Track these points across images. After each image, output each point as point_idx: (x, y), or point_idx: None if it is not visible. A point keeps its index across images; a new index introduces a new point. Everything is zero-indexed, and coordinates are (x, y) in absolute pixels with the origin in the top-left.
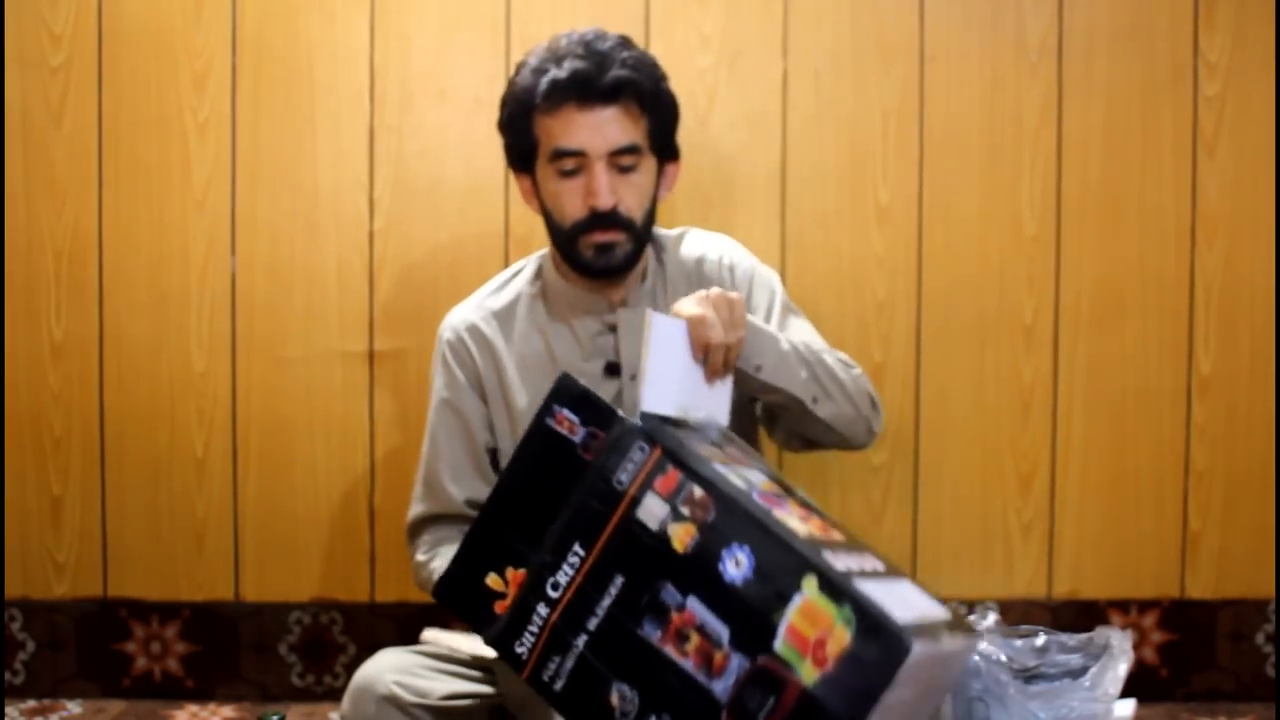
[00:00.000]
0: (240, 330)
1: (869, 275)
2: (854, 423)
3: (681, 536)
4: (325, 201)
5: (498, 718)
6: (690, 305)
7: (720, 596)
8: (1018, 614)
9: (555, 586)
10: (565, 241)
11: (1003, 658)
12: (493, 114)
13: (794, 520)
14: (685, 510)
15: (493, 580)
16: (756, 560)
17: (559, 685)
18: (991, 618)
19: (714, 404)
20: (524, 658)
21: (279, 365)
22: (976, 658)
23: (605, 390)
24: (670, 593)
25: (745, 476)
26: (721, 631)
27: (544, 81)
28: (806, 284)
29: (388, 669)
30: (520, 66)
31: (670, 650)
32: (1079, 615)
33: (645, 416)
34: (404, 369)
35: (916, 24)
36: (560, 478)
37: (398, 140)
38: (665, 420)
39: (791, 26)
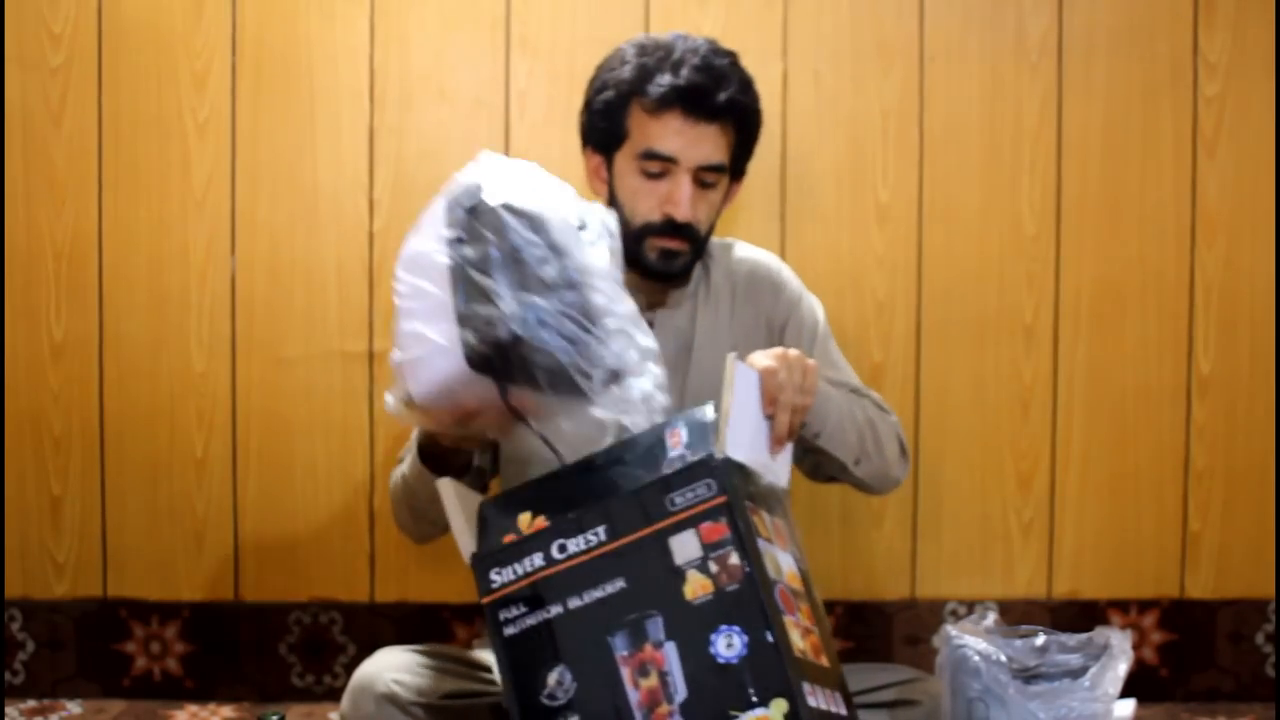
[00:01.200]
0: (240, 330)
1: (869, 275)
2: (884, 479)
3: (695, 588)
4: (325, 201)
5: (498, 717)
6: (763, 358)
7: (697, 661)
8: (1018, 614)
9: (562, 549)
10: (631, 238)
11: (1003, 658)
12: (492, 114)
13: (796, 633)
14: (714, 567)
15: (523, 518)
16: (748, 653)
17: (510, 631)
18: (991, 618)
19: (778, 469)
20: (493, 586)
21: (279, 365)
22: (976, 657)
23: None
24: (655, 627)
25: (779, 562)
26: (679, 691)
27: (658, 82)
28: (806, 284)
29: (387, 668)
30: (621, 54)
31: (626, 674)
32: (1079, 615)
33: (728, 460)
34: None
35: (916, 24)
36: (638, 471)
37: (398, 141)
38: (741, 468)
39: (791, 26)
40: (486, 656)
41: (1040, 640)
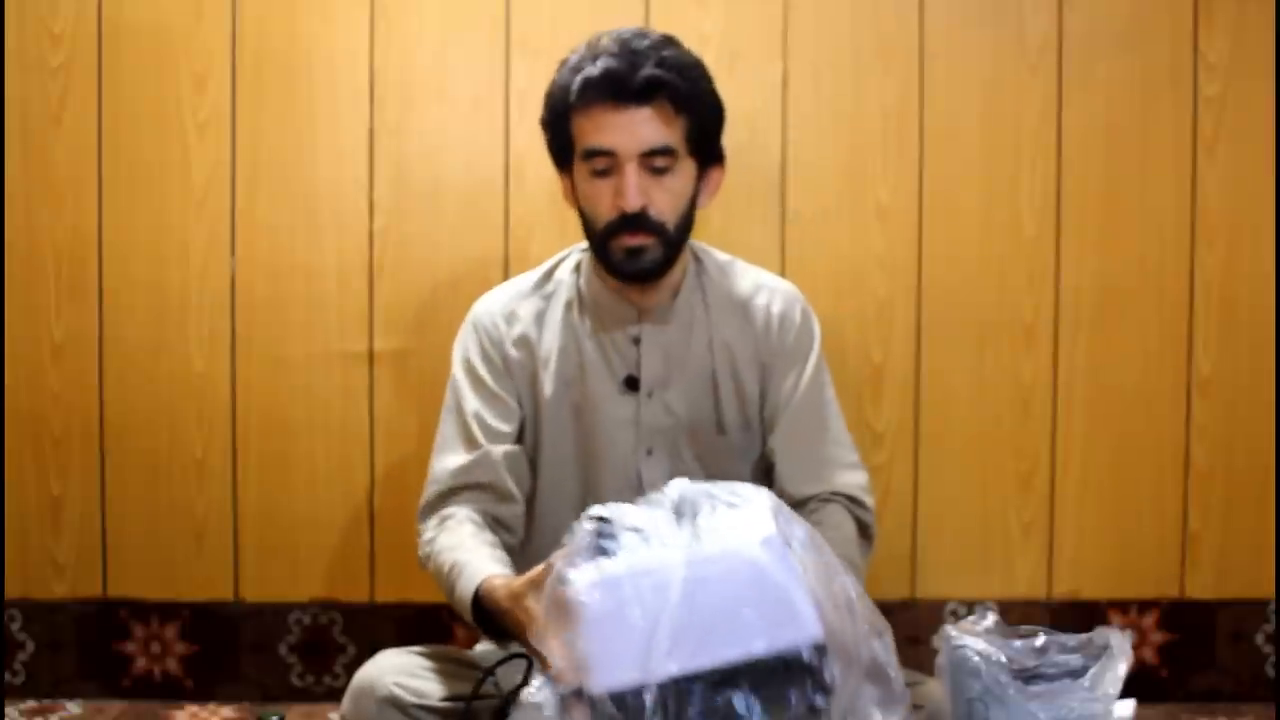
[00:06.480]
0: (240, 330)
1: (869, 275)
2: None
3: None
4: (325, 201)
5: (498, 719)
6: None
7: None
8: (1018, 614)
9: None
10: (598, 244)
11: (1003, 658)
12: (492, 114)
13: None
14: None
15: None
16: None
17: None
18: (991, 618)
19: None
20: None
21: (279, 365)
22: (976, 658)
23: (622, 405)
24: None
25: None
26: None
27: (578, 79)
28: (806, 284)
29: (388, 670)
30: (562, 64)
31: None
32: (1079, 616)
33: None
34: (404, 369)
35: (916, 24)
36: None
37: (398, 141)
38: None
39: (791, 26)
40: (487, 658)
41: (1040, 641)
